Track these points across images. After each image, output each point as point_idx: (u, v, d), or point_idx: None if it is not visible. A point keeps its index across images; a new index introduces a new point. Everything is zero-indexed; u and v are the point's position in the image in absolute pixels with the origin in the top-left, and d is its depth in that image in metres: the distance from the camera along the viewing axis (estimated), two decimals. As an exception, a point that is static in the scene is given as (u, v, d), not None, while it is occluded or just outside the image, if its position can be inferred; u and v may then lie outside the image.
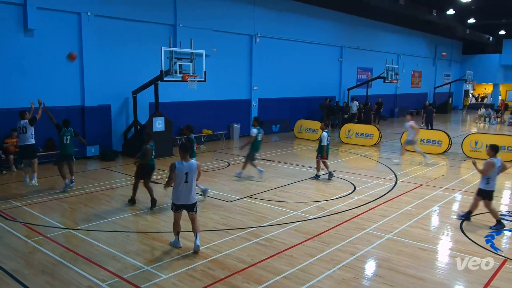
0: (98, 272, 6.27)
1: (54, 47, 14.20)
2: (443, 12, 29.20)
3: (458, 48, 43.70)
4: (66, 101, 14.68)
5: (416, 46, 35.79)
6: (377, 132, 18.95)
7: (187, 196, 6.95)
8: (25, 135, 10.97)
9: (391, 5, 24.45)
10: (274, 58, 22.55)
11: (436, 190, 11.21)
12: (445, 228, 8.49)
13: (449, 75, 42.37)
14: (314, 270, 6.37)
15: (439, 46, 39.16)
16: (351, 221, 8.67)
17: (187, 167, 6.86)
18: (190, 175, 6.88)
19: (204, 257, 6.81)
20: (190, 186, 6.92)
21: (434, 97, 38.49)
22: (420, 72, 37.56)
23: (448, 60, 41.75)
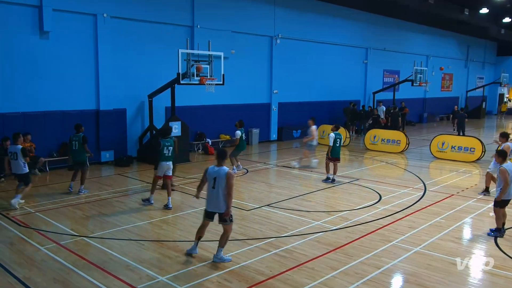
0: (111, 282, 6.33)
1: (70, 49, 14.52)
2: (476, 11, 28.77)
3: (492, 49, 42.90)
4: (81, 104, 14.98)
5: (446, 48, 35.28)
6: (404, 138, 18.70)
7: (214, 202, 6.97)
8: (17, 162, 10.05)
9: (420, 4, 24.19)
10: (296, 60, 22.54)
11: (468, 201, 10.98)
12: (478, 241, 8.30)
13: (482, 78, 41.60)
14: (337, 284, 6.30)
15: (471, 47, 38.52)
16: (376, 232, 8.55)
17: (216, 173, 6.92)
18: (218, 181, 6.89)
19: (221, 268, 6.81)
20: (217, 193, 6.92)
21: (466, 101, 37.83)
22: (451, 74, 36.98)
23: (481, 62, 41.03)
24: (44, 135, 14.10)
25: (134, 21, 16.03)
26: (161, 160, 10.20)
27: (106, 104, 15.47)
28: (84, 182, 11.43)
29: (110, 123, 15.57)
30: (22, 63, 13.64)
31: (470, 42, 38.17)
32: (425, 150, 18.75)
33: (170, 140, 10.49)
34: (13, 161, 10.10)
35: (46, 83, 14.13)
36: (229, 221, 6.98)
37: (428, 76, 27.14)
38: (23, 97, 13.70)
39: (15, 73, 13.53)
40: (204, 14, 17.92)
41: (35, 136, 13.57)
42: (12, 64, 13.45)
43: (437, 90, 35.15)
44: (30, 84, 13.83)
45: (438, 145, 17.45)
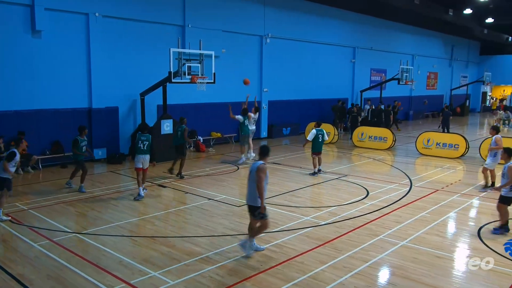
0: (104, 277, 6.31)
1: (62, 48, 14.37)
2: (460, 11, 28.99)
3: (475, 49, 43.33)
4: (73, 103, 14.83)
5: (431, 47, 35.55)
6: (391, 135, 18.84)
7: (248, 195, 7.04)
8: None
9: (406, 4, 24.31)
10: (285, 59, 22.55)
11: (452, 196, 11.10)
12: (462, 235, 8.41)
13: (466, 76, 42.00)
14: (326, 278, 6.34)
15: (456, 47, 38.87)
16: (364, 227, 8.61)
17: (251, 167, 7.02)
18: (251, 174, 6.93)
19: (213, 263, 6.82)
20: (249, 186, 6.96)
21: (450, 99, 38.19)
22: (436, 73, 37.29)
23: (465, 61, 41.42)
24: (36, 133, 13.94)
25: (126, 20, 15.90)
26: (136, 153, 10.83)
27: (99, 102, 15.34)
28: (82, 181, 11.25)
29: (103, 121, 15.46)
30: (15, 62, 13.45)
31: (454, 42, 38.50)
32: (411, 147, 18.91)
33: (147, 135, 10.93)
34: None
35: (38, 82, 13.96)
36: (259, 217, 6.94)
37: (414, 75, 27.32)
38: (15, 96, 13.51)
39: (8, 71, 13.34)
40: (195, 13, 17.85)
41: (27, 134, 13.41)
42: (4, 63, 13.25)
43: (423, 88, 35.39)
44: (23, 83, 13.66)
45: (423, 142, 17.60)
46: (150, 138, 10.99)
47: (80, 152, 11.14)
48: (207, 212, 9.63)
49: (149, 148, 10.90)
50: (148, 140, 10.91)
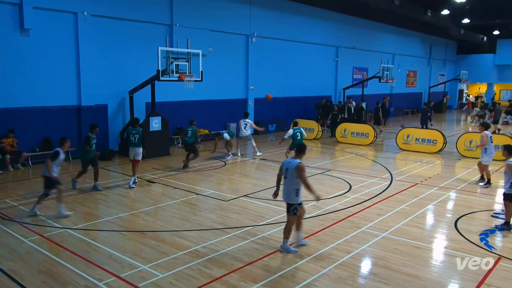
0: (95, 271, 6.26)
1: (51, 46, 14.15)
2: (438, 12, 29.30)
3: (452, 48, 43.89)
4: (62, 100, 14.63)
5: (411, 46, 35.90)
6: (372, 131, 19.00)
7: (285, 192, 6.97)
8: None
9: (387, 4, 24.49)
10: (271, 58, 22.55)
11: (431, 189, 11.25)
12: (440, 226, 8.53)
13: (443, 74, 42.53)
14: (310, 269, 6.38)
15: (434, 46, 39.32)
16: (346, 220, 8.69)
17: (288, 164, 6.93)
18: (289, 172, 6.85)
19: (201, 256, 6.81)
20: (287, 183, 6.90)
21: (429, 97, 38.62)
22: (415, 71, 37.67)
23: (442, 60, 41.94)
24: (26, 130, 13.72)
25: (115, 20, 15.71)
26: (129, 146, 11.40)
27: (88, 100, 15.16)
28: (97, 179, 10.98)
29: (92, 118, 15.16)
30: (3, 60, 13.20)
31: (432, 41, 38.93)
32: (391, 142, 19.10)
33: (137, 129, 11.38)
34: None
35: (27, 79, 13.74)
36: (291, 213, 6.90)
37: (394, 73, 27.56)
38: (5, 93, 13.27)
39: (-3, 69, 13.13)
40: (183, 13, 17.72)
41: (17, 132, 13.23)
42: (-7, 61, 13.04)
43: (403, 86, 35.74)
44: (12, 80, 13.42)
45: (403, 137, 17.79)
46: (140, 132, 11.30)
47: (91, 149, 10.71)
48: (195, 206, 9.61)
49: (140, 141, 11.23)
50: (139, 133, 11.24)
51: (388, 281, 6.02)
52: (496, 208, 9.69)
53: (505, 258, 6.83)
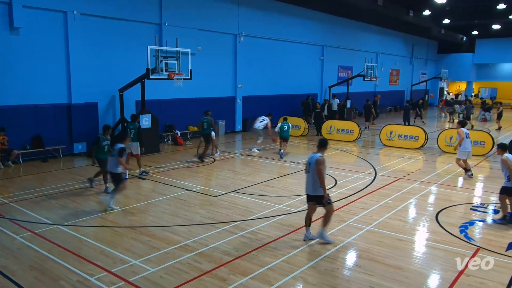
0: (86, 266, 6.20)
1: (41, 45, 13.93)
2: (420, 12, 29.53)
3: (433, 48, 44.34)
4: (53, 98, 14.43)
5: (394, 46, 36.18)
6: (357, 128, 19.13)
7: (308, 186, 7.07)
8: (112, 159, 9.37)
9: (371, 4, 24.63)
10: (258, 56, 22.52)
11: (413, 184, 11.38)
12: (421, 219, 8.64)
13: (425, 73, 42.96)
14: (298, 261, 6.42)
15: (416, 46, 39.68)
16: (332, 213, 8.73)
17: (310, 159, 7.07)
18: (311, 166, 6.98)
19: (191, 250, 6.80)
20: (309, 177, 7.02)
21: (411, 94, 39.02)
22: (398, 70, 37.99)
23: (424, 59, 42.35)
24: (17, 128, 13.50)
25: (104, 19, 15.52)
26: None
27: (78, 98, 14.97)
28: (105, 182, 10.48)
29: (82, 116, 15.11)
30: (-7, 58, 12.99)
31: (414, 41, 39.27)
32: (375, 138, 19.26)
33: (134, 124, 11.92)
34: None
35: (18, 78, 13.51)
36: (326, 204, 7.01)
37: (378, 72, 27.74)
38: (-6, 92, 13.07)
39: (-14, 68, 12.89)
40: (172, 12, 17.59)
41: (8, 130, 13.01)
42: (-18, 59, 12.79)
43: (386, 84, 36.03)
44: (2, 79, 13.18)
45: (386, 134, 17.95)
46: (136, 127, 11.76)
47: (102, 151, 10.17)
48: (185, 202, 9.57)
49: (135, 136, 11.63)
50: (135, 128, 11.69)
51: (372, 273, 6.08)
52: (475, 202, 9.85)
53: (484, 249, 6.95)
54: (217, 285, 5.68)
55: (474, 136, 15.98)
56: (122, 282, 5.75)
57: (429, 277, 6.11)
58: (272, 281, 5.80)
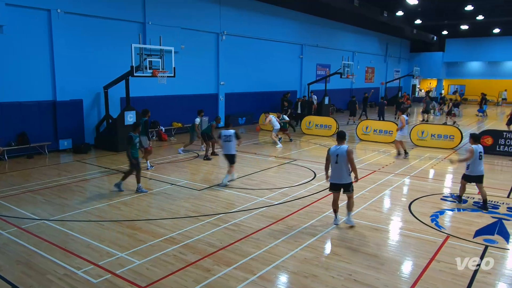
0: (73, 260, 6.11)
1: (25, 43, 13.56)
2: (393, 13, 29.89)
3: (406, 47, 44.97)
4: (38, 96, 14.10)
5: (369, 45, 36.55)
6: (334, 123, 19.31)
7: (338, 175, 7.38)
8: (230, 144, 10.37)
9: (347, 5, 24.80)
10: (240, 55, 22.45)
11: (387, 176, 11.56)
12: (395, 209, 8.79)
13: (398, 71, 43.58)
14: (279, 251, 6.46)
15: (389, 45, 40.19)
16: (312, 205, 8.82)
17: (338, 150, 7.35)
18: (340, 157, 7.29)
19: (176, 242, 6.77)
20: (340, 167, 7.32)
21: (385, 91, 39.53)
22: (373, 68, 38.43)
23: (397, 57, 42.93)
24: (2, 125, 13.15)
25: (88, 17, 15.21)
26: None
27: (63, 95, 14.66)
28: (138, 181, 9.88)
29: (67, 113, 14.80)
30: (-24, 56, 12.59)
31: (388, 40, 39.76)
32: (352, 133, 19.46)
33: (141, 119, 12.10)
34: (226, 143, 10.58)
35: (2, 75, 13.13)
36: (351, 190, 7.49)
37: (354, 70, 28.00)
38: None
39: (-31, 65, 12.48)
40: (155, 11, 17.34)
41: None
42: (-35, 57, 12.38)
43: (362, 81, 36.40)
44: (-15, 76, 12.82)
45: (362, 129, 18.17)
46: (143, 121, 11.90)
47: (135, 149, 9.78)
48: (170, 196, 9.51)
49: (143, 130, 11.75)
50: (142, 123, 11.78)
51: (350, 261, 6.17)
52: (445, 192, 10.07)
53: (453, 237, 7.13)
54: (201, 275, 5.68)
55: (443, 131, 16.39)
56: (109, 274, 5.68)
57: (403, 263, 6.24)
58: (254, 270, 5.82)
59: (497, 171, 12.83)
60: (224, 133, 10.35)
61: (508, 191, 10.15)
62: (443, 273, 5.80)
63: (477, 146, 8.70)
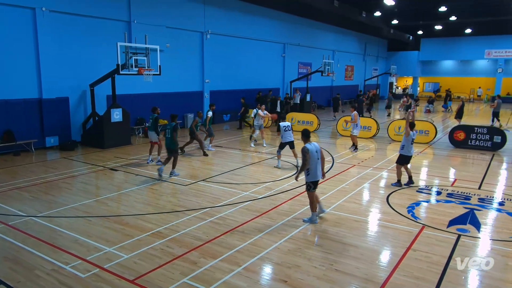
0: (61, 255, 6.01)
1: (9, 41, 13.19)
2: (372, 13, 30.16)
3: (384, 46, 45.47)
4: (23, 93, 13.75)
5: (349, 44, 36.82)
6: (316, 119, 19.42)
7: (319, 172, 7.30)
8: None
9: (327, 5, 24.92)
10: (224, 53, 22.32)
11: (366, 170, 11.71)
12: (374, 201, 8.91)
13: (376, 69, 44.06)
14: (263, 244, 6.48)
15: (368, 44, 40.58)
16: (294, 199, 8.87)
17: (317, 147, 7.31)
18: (319, 153, 7.30)
19: (163, 236, 6.72)
20: (319, 163, 7.28)
21: (364, 88, 39.96)
22: (352, 66, 38.76)
23: (375, 56, 43.39)
24: (-14, 123, 12.82)
25: (74, 15, 14.88)
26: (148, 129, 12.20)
27: (49, 93, 14.33)
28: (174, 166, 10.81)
29: (54, 110, 14.49)
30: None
31: (367, 40, 40.11)
32: (332, 129, 19.63)
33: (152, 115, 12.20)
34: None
35: (-14, 73, 12.79)
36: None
37: (334, 68, 28.18)
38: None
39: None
40: (140, 10, 17.08)
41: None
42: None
43: (342, 79, 36.68)
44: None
45: (342, 125, 18.32)
46: (153, 117, 12.04)
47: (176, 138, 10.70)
48: (156, 191, 9.43)
49: (152, 126, 12.07)
50: (152, 118, 12.07)
51: (331, 251, 6.24)
52: (421, 185, 10.26)
53: (428, 227, 7.28)
54: (188, 268, 5.66)
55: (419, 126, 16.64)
56: (97, 269, 5.61)
57: (381, 253, 6.34)
58: (240, 262, 5.83)
59: (469, 164, 13.13)
60: (283, 124, 11.65)
61: (479, 183, 10.41)
62: (419, 261, 5.92)
63: (413, 132, 9.80)
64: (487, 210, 8.26)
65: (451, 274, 5.58)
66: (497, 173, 11.77)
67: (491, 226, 7.45)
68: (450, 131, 16.07)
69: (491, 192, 9.58)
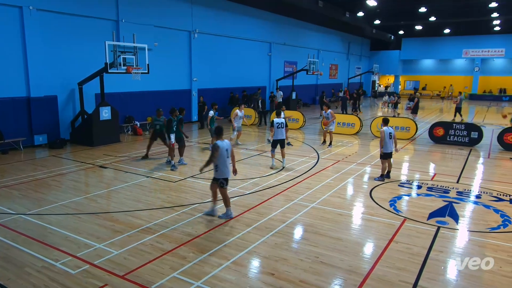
0: (51, 253, 5.93)
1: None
2: (355, 14, 30.36)
3: (366, 45, 45.85)
4: (11, 92, 13.46)
5: (333, 43, 37.01)
6: (302, 117, 19.49)
7: (228, 170, 7.29)
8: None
9: (312, 6, 24.99)
10: (212, 52, 22.22)
11: (350, 165, 11.81)
12: (358, 196, 9.01)
13: (360, 68, 44.41)
14: (251, 238, 6.50)
15: (351, 43, 40.85)
16: (281, 194, 8.91)
17: (227, 145, 7.22)
18: (229, 151, 7.23)
19: (153, 232, 6.68)
20: (228, 161, 7.25)
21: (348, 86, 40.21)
22: (336, 65, 38.99)
23: (358, 55, 43.73)
24: (-26, 121, 12.52)
25: (62, 14, 14.60)
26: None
27: (37, 91, 14.05)
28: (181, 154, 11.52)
29: (42, 109, 14.22)
30: None
31: (350, 39, 40.39)
32: (317, 126, 19.73)
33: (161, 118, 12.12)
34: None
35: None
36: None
37: (319, 66, 28.31)
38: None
39: None
40: (128, 9, 16.85)
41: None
42: None
43: (326, 77, 36.88)
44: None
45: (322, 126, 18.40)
46: (162, 120, 11.98)
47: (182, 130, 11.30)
48: (146, 188, 9.36)
49: (162, 128, 11.79)
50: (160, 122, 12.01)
51: (317, 244, 6.29)
52: (402, 179, 10.41)
53: (409, 219, 7.40)
54: (178, 263, 5.64)
55: (400, 123, 16.88)
56: (87, 265, 5.55)
57: (365, 245, 6.42)
58: (228, 256, 5.84)
59: (447, 159, 13.37)
60: (277, 120, 11.34)
61: (457, 177, 10.61)
62: (400, 253, 6.01)
63: (387, 128, 10.01)
64: (465, 203, 8.43)
65: (431, 264, 5.69)
66: (474, 167, 12.01)
67: (469, 218, 7.61)
68: (430, 127, 16.33)
69: (469, 186, 9.78)
